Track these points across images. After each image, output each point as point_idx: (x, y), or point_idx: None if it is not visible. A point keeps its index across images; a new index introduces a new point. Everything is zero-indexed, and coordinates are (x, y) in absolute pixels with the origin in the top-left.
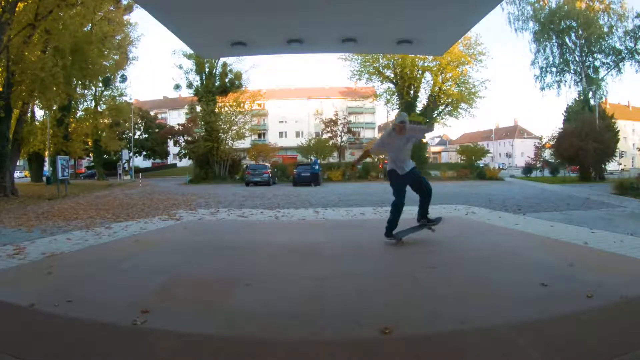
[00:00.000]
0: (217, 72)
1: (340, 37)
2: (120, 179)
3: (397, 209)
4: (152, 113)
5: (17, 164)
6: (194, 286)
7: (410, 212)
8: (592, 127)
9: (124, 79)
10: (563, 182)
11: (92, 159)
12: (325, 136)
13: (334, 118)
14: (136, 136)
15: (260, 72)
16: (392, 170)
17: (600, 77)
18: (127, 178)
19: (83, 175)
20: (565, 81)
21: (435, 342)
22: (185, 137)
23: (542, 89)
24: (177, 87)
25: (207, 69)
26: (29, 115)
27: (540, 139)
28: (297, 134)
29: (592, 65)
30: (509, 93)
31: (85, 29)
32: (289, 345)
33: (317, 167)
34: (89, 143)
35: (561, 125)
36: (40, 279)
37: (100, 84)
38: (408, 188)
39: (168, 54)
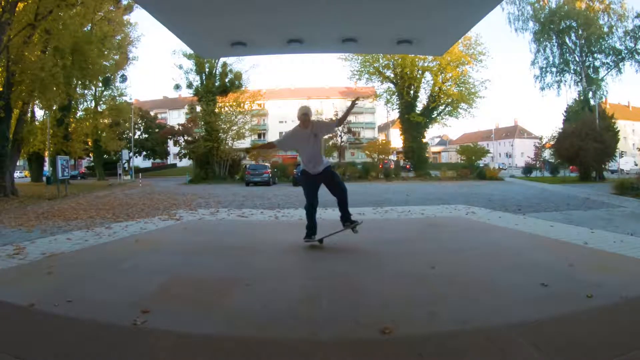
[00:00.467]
0: (217, 72)
1: (340, 37)
2: (120, 179)
3: (308, 210)
4: (152, 113)
5: (17, 164)
6: (194, 286)
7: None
8: (592, 127)
9: (124, 79)
10: (563, 182)
11: (92, 159)
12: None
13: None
14: (136, 136)
15: (260, 72)
16: (304, 171)
17: (600, 77)
18: (127, 178)
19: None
20: (565, 81)
21: (435, 342)
22: (185, 137)
23: (542, 89)
24: (177, 87)
25: (207, 69)
26: (29, 115)
27: (540, 139)
28: None
29: (592, 65)
30: (509, 93)
31: (85, 29)
32: (289, 345)
33: None
34: (89, 143)
35: (561, 125)
36: (40, 279)
37: (100, 84)
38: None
39: (168, 54)
